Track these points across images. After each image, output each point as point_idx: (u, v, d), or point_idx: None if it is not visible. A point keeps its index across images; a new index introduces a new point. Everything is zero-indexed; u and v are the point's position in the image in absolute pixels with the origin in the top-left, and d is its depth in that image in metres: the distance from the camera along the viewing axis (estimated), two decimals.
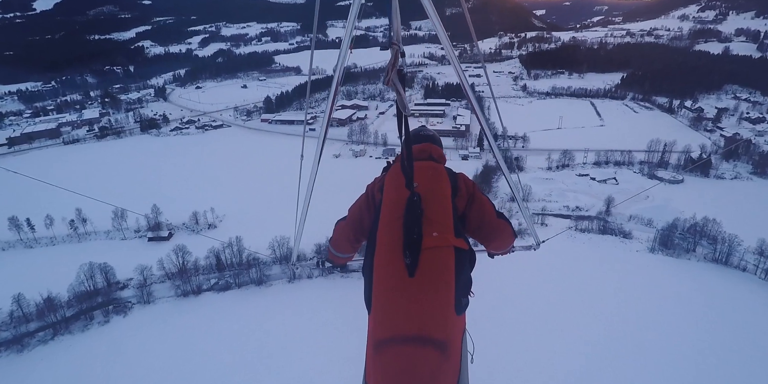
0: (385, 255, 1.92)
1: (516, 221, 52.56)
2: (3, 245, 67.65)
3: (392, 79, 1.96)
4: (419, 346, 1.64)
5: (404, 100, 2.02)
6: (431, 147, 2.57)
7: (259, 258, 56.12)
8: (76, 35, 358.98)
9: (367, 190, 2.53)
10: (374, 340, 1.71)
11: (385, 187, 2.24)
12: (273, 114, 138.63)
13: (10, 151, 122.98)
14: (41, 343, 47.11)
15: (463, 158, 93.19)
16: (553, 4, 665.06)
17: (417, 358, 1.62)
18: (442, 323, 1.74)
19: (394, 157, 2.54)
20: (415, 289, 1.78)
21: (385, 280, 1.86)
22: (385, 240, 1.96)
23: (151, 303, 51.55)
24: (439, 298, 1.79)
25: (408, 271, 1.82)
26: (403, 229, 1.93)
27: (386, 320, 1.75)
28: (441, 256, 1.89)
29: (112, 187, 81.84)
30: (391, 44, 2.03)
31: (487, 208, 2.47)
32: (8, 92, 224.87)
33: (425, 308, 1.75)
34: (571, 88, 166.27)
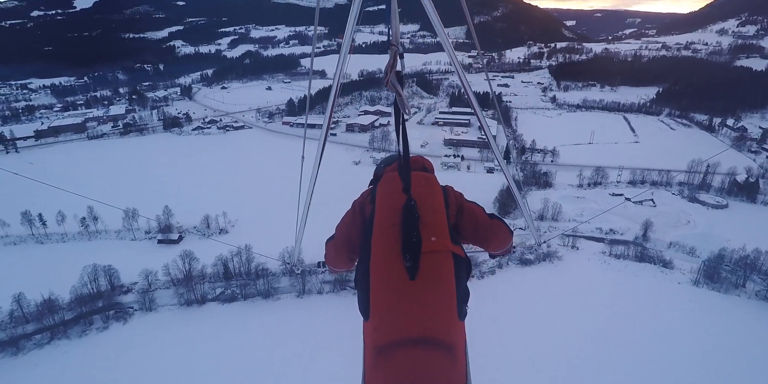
0: (382, 260, 1.89)
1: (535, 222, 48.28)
2: (15, 239, 66.84)
3: (391, 81, 1.99)
4: (426, 348, 1.61)
5: (404, 101, 2.04)
6: (423, 159, 2.61)
7: (268, 269, 53.32)
8: (112, 33, 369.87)
9: (353, 206, 2.42)
10: (376, 345, 1.65)
11: (378, 196, 2.19)
12: (295, 117, 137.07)
13: (36, 144, 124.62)
14: (37, 347, 45.05)
15: (488, 171, 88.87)
16: (583, 15, 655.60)
17: (425, 361, 1.58)
18: (447, 326, 1.72)
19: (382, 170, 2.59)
20: (418, 292, 1.76)
21: (385, 284, 1.82)
22: (382, 246, 1.93)
23: (153, 310, 49.08)
24: (442, 301, 1.77)
25: (409, 274, 1.80)
26: (401, 233, 1.91)
27: (389, 324, 1.70)
28: (441, 261, 1.88)
29: (127, 185, 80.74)
30: (389, 45, 2.04)
31: (478, 212, 2.45)
32: (42, 86, 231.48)
33: (429, 310, 1.72)
34: (603, 102, 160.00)
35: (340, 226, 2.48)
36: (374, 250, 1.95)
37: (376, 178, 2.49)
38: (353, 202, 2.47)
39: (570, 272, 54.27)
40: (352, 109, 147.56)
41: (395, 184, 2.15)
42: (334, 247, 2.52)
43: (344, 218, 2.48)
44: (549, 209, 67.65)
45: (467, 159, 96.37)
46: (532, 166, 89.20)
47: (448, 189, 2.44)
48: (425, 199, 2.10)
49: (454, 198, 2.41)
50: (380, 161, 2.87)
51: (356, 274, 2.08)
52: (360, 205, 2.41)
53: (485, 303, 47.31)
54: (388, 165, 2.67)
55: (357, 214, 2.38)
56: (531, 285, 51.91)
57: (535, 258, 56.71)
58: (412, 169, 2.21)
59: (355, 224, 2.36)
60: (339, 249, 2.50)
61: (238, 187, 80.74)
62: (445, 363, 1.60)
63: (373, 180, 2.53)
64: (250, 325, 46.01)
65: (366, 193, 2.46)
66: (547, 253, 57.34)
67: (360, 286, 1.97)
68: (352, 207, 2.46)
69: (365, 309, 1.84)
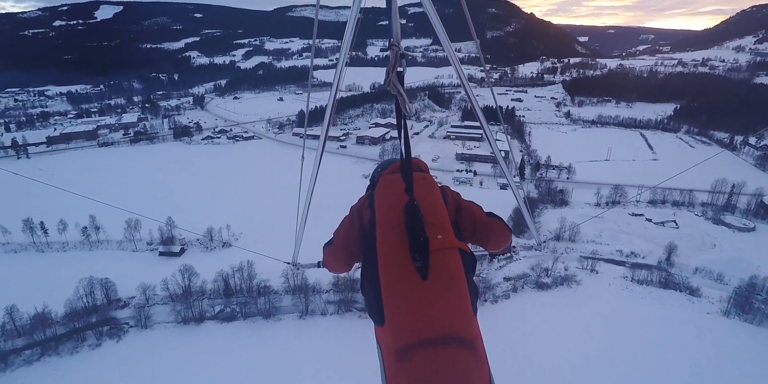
0: (391, 263, 1.88)
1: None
2: (16, 247, 65.48)
3: (392, 81, 1.98)
4: (449, 346, 1.60)
5: (406, 102, 2.03)
6: (417, 160, 2.62)
7: (269, 286, 50.90)
8: (130, 43, 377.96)
9: (351, 212, 2.42)
10: (396, 348, 1.64)
11: (377, 199, 2.21)
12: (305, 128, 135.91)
13: (47, 150, 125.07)
14: (26, 364, 42.85)
15: (502, 187, 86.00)
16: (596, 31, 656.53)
17: (448, 359, 1.57)
18: (465, 322, 1.71)
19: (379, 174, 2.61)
20: (432, 291, 1.76)
21: (398, 287, 1.80)
22: (388, 248, 1.92)
23: (149, 327, 46.77)
24: (457, 298, 1.77)
25: (420, 274, 1.80)
26: (407, 234, 1.91)
27: (407, 325, 1.68)
28: (449, 258, 1.88)
29: (131, 195, 79.41)
30: (390, 46, 2.04)
31: (475, 210, 2.47)
32: (59, 93, 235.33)
33: (446, 308, 1.72)
34: (618, 118, 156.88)
35: (339, 231, 2.43)
36: (381, 253, 1.92)
37: (373, 184, 2.47)
38: (351, 207, 2.43)
39: (589, 298, 50.93)
40: (363, 121, 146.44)
41: (394, 186, 2.15)
42: (332, 253, 2.50)
43: (342, 224, 2.44)
44: (566, 229, 64.47)
45: (480, 174, 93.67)
46: (548, 183, 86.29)
47: (446, 188, 2.45)
48: (426, 199, 2.09)
49: (452, 197, 2.41)
50: (377, 166, 2.81)
51: (363, 280, 2.08)
52: (358, 210, 2.37)
53: (499, 329, 44.23)
54: (384, 169, 2.63)
55: (355, 220, 2.34)
56: (547, 311, 48.69)
57: (552, 282, 53.50)
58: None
59: (354, 230, 2.33)
60: (337, 255, 2.47)
61: (243, 199, 78.95)
62: (469, 359, 1.60)
63: (370, 186, 2.50)
64: (249, 347, 43.36)
65: (363, 198, 2.44)
66: (565, 276, 54.12)
67: (369, 291, 1.95)
68: (350, 212, 2.42)
69: (378, 314, 1.81)
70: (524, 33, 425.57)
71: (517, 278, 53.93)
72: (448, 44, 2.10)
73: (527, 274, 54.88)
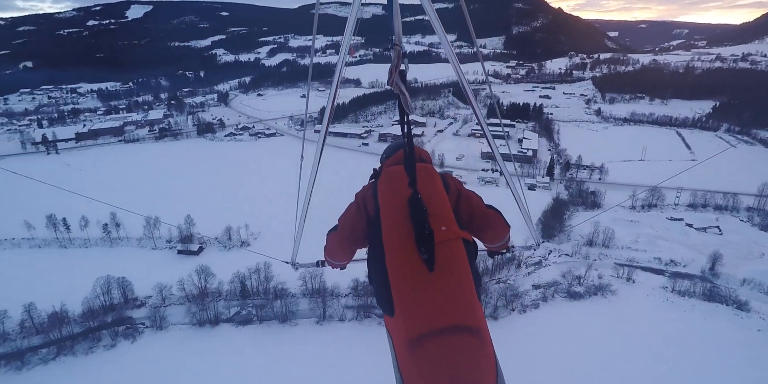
0: (398, 255, 1.93)
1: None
2: (40, 242, 66.16)
3: (395, 80, 2.03)
4: (458, 335, 1.68)
5: (408, 100, 2.08)
6: (420, 150, 2.61)
7: (287, 289, 49.33)
8: (159, 42, 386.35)
9: (356, 199, 2.45)
10: (409, 338, 1.71)
11: (380, 192, 2.24)
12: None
13: (76, 146, 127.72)
14: (42, 363, 42.55)
15: (530, 188, 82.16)
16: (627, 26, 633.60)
17: (458, 347, 1.66)
18: (471, 310, 1.78)
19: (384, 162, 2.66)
20: (439, 282, 1.82)
21: (406, 279, 1.86)
22: (395, 241, 1.98)
23: (164, 329, 45.89)
24: (463, 288, 1.85)
25: (427, 266, 1.86)
26: (413, 227, 1.96)
27: (418, 316, 1.76)
28: (454, 248, 1.94)
29: (152, 191, 79.59)
30: (393, 45, 2.07)
31: (475, 200, 2.50)
32: (90, 90, 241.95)
33: (453, 298, 1.79)
34: (653, 115, 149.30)
35: (344, 218, 2.47)
36: (387, 246, 1.97)
37: (377, 174, 2.49)
38: (356, 194, 2.46)
39: (626, 310, 47.26)
40: (386, 118, 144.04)
41: (397, 179, 2.18)
42: (337, 239, 2.53)
43: (348, 210, 2.47)
44: (600, 234, 60.57)
45: None
46: (579, 184, 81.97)
47: (447, 176, 2.45)
48: (428, 190, 2.13)
49: (454, 185, 2.43)
50: (383, 152, 2.83)
51: (370, 271, 2.16)
52: (362, 198, 2.40)
53: (527, 341, 41.35)
54: (388, 156, 2.67)
55: (361, 208, 2.38)
56: (580, 323, 45.34)
57: (585, 291, 50.04)
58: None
59: (360, 217, 2.37)
60: (341, 241, 2.51)
61: (263, 197, 77.78)
62: (476, 346, 1.69)
63: (374, 175, 2.52)
64: (264, 353, 41.84)
65: (368, 186, 2.45)
66: (599, 285, 50.52)
67: (377, 282, 2.01)
68: (355, 200, 2.45)
69: (388, 305, 1.87)
70: (552, 28, 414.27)
71: (546, 286, 50.70)
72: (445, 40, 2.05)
73: (558, 282, 51.57)
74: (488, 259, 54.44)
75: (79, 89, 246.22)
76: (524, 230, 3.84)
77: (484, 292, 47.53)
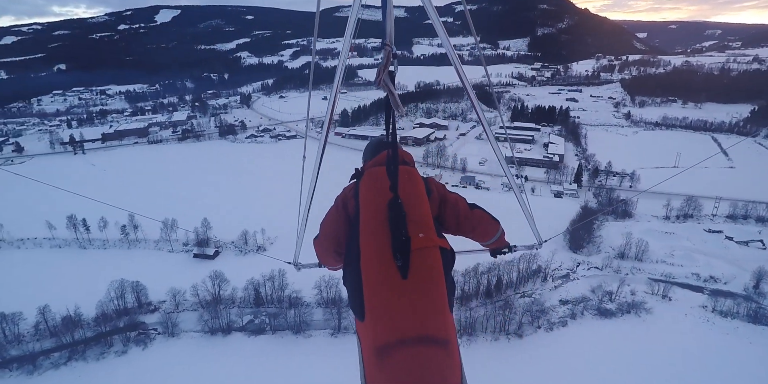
0: (373, 260, 1.90)
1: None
2: (60, 242, 66.76)
3: (384, 80, 2.01)
4: (424, 346, 1.67)
5: (397, 100, 2.06)
6: (403, 152, 2.51)
7: (301, 298, 47.77)
8: (186, 45, 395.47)
9: (336, 202, 2.42)
10: (375, 346, 1.70)
11: (362, 194, 2.20)
12: (348, 128, 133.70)
13: (102, 146, 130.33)
14: (53, 367, 42.11)
15: (556, 195, 78.69)
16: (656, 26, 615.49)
17: (424, 358, 1.65)
18: (441, 322, 1.77)
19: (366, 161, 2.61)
20: (411, 291, 1.80)
21: (379, 285, 1.84)
22: (371, 245, 1.95)
23: (176, 336, 44.92)
24: (434, 298, 1.83)
25: (401, 273, 1.84)
26: (390, 232, 1.93)
27: (386, 324, 1.74)
28: (430, 257, 1.92)
29: (172, 192, 79.63)
30: (383, 45, 2.07)
31: (460, 203, 2.51)
32: (119, 92, 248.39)
33: (423, 308, 1.77)
34: (686, 120, 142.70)
35: (325, 222, 2.44)
36: (363, 250, 1.94)
37: (359, 174, 2.42)
38: (336, 197, 2.43)
39: (662, 331, 43.73)
40: (407, 121, 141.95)
41: (379, 181, 2.15)
42: (321, 245, 2.50)
43: (328, 215, 2.43)
44: (632, 246, 56.93)
45: (531, 180, 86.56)
46: (608, 192, 78.00)
47: (430, 180, 2.44)
48: (409, 195, 2.10)
49: (436, 190, 2.41)
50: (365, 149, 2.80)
51: (345, 274, 2.12)
52: (343, 200, 2.38)
53: (554, 362, 38.53)
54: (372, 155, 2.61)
55: (341, 210, 2.35)
56: (611, 343, 42.14)
57: (617, 308, 46.70)
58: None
59: (340, 220, 2.34)
60: (325, 245, 2.47)
61: (281, 201, 76.53)
62: (443, 358, 1.68)
63: (355, 175, 2.45)
64: (277, 365, 40.28)
65: (349, 188, 2.43)
66: (632, 303, 47.10)
67: (350, 285, 2.00)
68: (335, 203, 2.42)
69: (360, 309, 1.85)
70: (578, 29, 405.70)
71: (575, 302, 47.64)
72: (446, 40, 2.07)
73: (587, 298, 48.42)
74: (512, 272, 51.99)
75: (108, 91, 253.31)
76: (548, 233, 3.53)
77: (508, 306, 44.93)
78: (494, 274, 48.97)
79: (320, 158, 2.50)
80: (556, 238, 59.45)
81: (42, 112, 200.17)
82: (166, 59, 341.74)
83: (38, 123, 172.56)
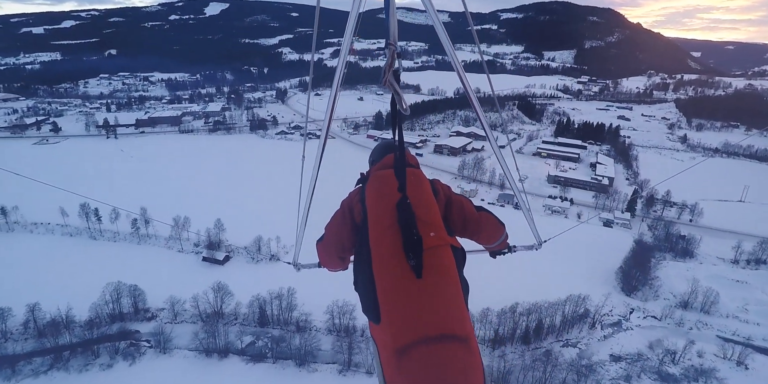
0: (385, 261, 1.90)
1: None
2: (72, 231, 64.14)
3: (389, 80, 2.02)
4: (446, 344, 1.66)
5: (402, 99, 2.06)
6: (408, 154, 2.47)
7: (311, 322, 42.34)
8: (231, 38, 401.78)
9: (342, 206, 2.39)
10: (396, 347, 1.68)
11: (368, 196, 2.17)
12: (380, 131, 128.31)
13: (134, 132, 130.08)
14: (33, 375, 38.24)
15: (605, 224, 70.21)
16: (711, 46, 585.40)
17: (446, 356, 1.64)
18: (460, 318, 1.76)
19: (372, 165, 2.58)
20: (427, 290, 1.80)
21: (393, 285, 1.83)
22: (382, 247, 1.93)
23: (167, 353, 40.28)
24: (450, 295, 1.83)
25: (415, 273, 1.83)
26: (401, 232, 1.92)
27: (406, 324, 1.73)
28: (442, 255, 1.92)
29: (191, 186, 76.38)
30: (387, 45, 2.06)
31: (466, 205, 2.48)
32: (161, 79, 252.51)
33: (441, 306, 1.77)
34: (752, 148, 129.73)
35: (330, 226, 2.41)
36: (375, 252, 1.93)
37: (364, 179, 2.39)
38: (342, 201, 2.41)
39: None
40: (444, 128, 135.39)
41: (386, 183, 2.15)
42: (324, 248, 2.48)
43: (333, 218, 2.41)
44: (697, 295, 48.58)
45: (577, 203, 78.14)
46: (666, 225, 69.08)
47: (435, 182, 2.44)
48: (417, 196, 2.09)
49: (442, 191, 2.40)
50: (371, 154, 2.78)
51: (356, 277, 2.10)
52: (348, 204, 2.35)
53: None
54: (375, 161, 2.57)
55: (347, 214, 2.32)
56: None
57: (682, 374, 38.79)
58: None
59: (346, 224, 2.32)
60: (329, 249, 2.45)
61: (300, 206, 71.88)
62: (465, 355, 1.66)
63: (361, 179, 2.42)
64: None
65: (354, 192, 2.40)
66: (700, 369, 39.05)
67: (363, 288, 1.97)
68: (341, 207, 2.39)
69: (374, 312, 1.83)
70: (628, 44, 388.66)
71: (629, 359, 40.05)
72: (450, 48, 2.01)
73: (644, 356, 40.68)
74: (556, 315, 44.87)
75: (151, 77, 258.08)
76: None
77: (550, 358, 37.94)
78: (534, 317, 41.94)
79: (320, 158, 2.45)
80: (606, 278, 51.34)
81: (86, 95, 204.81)
82: (210, 50, 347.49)
83: (80, 104, 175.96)
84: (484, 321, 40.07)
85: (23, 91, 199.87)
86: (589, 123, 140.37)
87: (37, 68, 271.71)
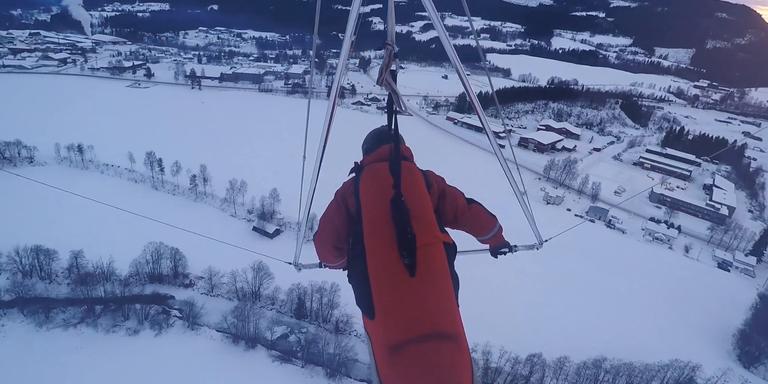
0: (380, 258, 1.90)
1: None
2: (137, 177, 64.10)
3: (386, 79, 2.04)
4: (438, 342, 1.70)
5: (401, 99, 2.08)
6: (403, 147, 2.48)
7: (352, 324, 37.07)
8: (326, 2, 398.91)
9: (336, 197, 2.37)
10: (389, 344, 1.72)
11: (362, 190, 2.17)
12: (462, 114, 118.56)
13: (218, 86, 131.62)
14: (63, 326, 36.95)
15: (720, 266, 57.01)
16: None
17: (438, 354, 1.68)
18: (451, 317, 1.80)
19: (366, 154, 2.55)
20: (420, 289, 1.82)
21: (388, 283, 1.84)
22: (377, 243, 1.94)
23: (195, 330, 37.18)
24: (443, 294, 1.85)
25: (408, 271, 1.84)
26: (396, 230, 1.93)
27: (398, 322, 1.76)
28: (435, 253, 1.94)
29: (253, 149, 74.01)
30: (385, 44, 2.06)
31: (458, 198, 2.49)
32: (252, 37, 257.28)
33: (434, 305, 1.80)
34: None
35: (324, 217, 2.38)
36: (369, 248, 1.93)
37: (358, 168, 2.37)
38: (336, 192, 2.38)
39: None
40: (532, 120, 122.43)
41: (380, 178, 2.13)
42: (320, 239, 2.43)
43: (328, 209, 2.38)
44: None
45: (685, 233, 64.48)
46: None
47: (429, 174, 2.42)
48: (411, 191, 2.09)
49: (436, 184, 2.39)
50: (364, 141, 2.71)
51: (350, 271, 2.10)
52: (342, 195, 2.32)
53: None
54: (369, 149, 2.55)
55: (341, 204, 2.31)
56: None
57: None
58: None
59: (341, 214, 2.29)
60: (325, 240, 2.40)
61: None
62: (455, 353, 1.71)
63: (355, 169, 2.39)
64: None
65: (348, 183, 2.36)
66: None
67: (357, 283, 1.97)
68: (335, 197, 2.38)
69: (368, 307, 1.85)
70: (762, 48, 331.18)
71: None
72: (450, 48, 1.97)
73: None
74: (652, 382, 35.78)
75: (244, 34, 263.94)
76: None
77: None
78: (623, 381, 33.18)
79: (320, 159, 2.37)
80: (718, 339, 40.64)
81: (183, 45, 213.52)
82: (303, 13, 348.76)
83: (176, 53, 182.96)
84: (559, 372, 32.24)
85: (131, 36, 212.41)
86: (707, 136, 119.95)
87: (147, 16, 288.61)
